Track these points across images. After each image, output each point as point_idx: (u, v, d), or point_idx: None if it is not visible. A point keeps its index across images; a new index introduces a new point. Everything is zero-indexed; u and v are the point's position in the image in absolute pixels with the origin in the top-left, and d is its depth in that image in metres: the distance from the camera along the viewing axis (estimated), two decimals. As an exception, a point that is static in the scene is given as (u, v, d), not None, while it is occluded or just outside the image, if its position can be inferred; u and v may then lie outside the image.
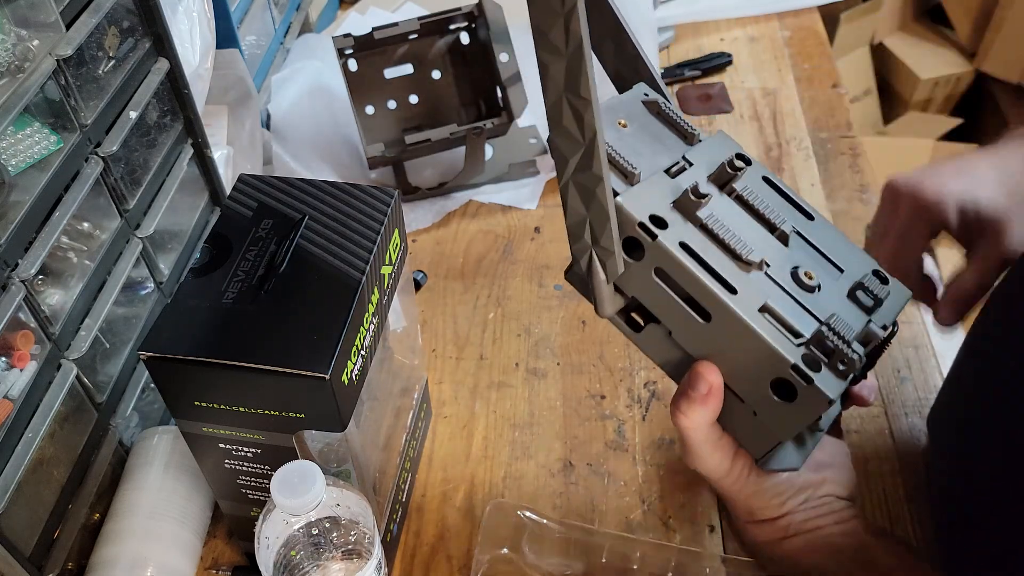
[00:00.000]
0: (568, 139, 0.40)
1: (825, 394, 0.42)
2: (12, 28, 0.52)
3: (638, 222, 0.44)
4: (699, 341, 0.46)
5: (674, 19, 1.14)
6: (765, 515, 0.50)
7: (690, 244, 0.44)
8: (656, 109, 0.51)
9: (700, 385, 0.45)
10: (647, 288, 0.45)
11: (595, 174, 0.41)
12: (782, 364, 0.43)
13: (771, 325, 0.44)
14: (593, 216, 0.42)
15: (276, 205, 0.54)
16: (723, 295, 0.43)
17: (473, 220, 0.90)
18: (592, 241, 0.43)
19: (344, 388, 0.47)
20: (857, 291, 0.48)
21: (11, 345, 0.51)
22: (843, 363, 0.43)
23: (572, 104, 0.39)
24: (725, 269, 0.44)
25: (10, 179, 0.52)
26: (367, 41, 0.89)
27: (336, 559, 0.50)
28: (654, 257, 0.44)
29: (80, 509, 0.59)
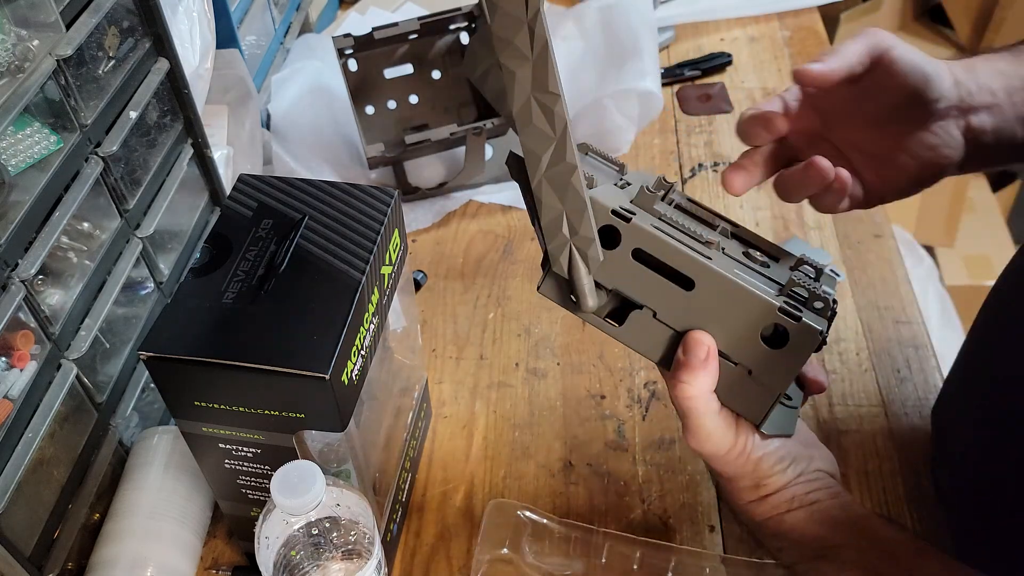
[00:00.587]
0: (539, 137, 0.42)
1: (815, 328, 0.45)
2: (12, 28, 0.52)
3: (611, 209, 0.46)
4: (686, 312, 0.48)
5: (674, 19, 1.14)
6: (770, 487, 0.51)
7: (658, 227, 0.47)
8: (586, 150, 0.54)
9: (698, 350, 0.47)
10: (627, 273, 0.48)
11: (569, 163, 0.43)
12: (769, 308, 0.46)
13: (749, 279, 0.47)
14: (570, 207, 0.44)
15: (276, 205, 0.54)
16: (702, 258, 0.46)
17: (473, 220, 0.90)
18: (571, 233, 0.45)
19: (344, 388, 0.47)
20: (799, 266, 0.51)
21: (11, 345, 0.51)
22: (818, 304, 0.46)
23: (541, 102, 0.41)
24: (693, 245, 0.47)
25: (10, 179, 0.52)
26: (367, 41, 0.89)
27: (336, 559, 0.50)
28: (631, 239, 0.46)
29: (80, 509, 0.59)
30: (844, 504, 0.51)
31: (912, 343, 0.76)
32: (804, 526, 0.50)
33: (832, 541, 0.49)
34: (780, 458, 0.51)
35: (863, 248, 0.85)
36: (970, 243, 1.76)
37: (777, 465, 0.51)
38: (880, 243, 0.85)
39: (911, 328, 0.77)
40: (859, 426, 0.70)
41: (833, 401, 0.72)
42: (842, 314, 0.78)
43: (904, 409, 0.71)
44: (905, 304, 0.79)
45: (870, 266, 0.83)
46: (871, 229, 0.86)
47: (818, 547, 0.50)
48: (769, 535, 0.52)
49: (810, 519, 0.50)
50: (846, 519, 0.50)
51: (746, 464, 0.51)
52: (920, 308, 0.80)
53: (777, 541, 0.52)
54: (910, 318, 0.78)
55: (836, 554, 0.49)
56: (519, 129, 0.42)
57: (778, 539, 0.52)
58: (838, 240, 0.86)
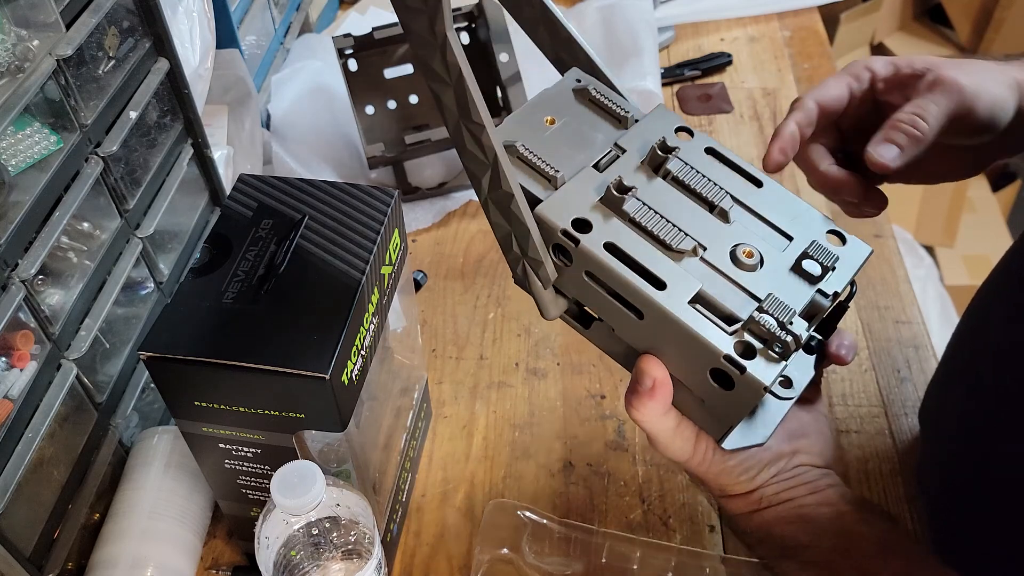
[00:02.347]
0: (474, 161, 0.42)
1: (759, 381, 0.42)
2: (12, 28, 0.52)
3: (560, 229, 0.44)
4: (638, 337, 0.46)
5: (674, 19, 1.14)
6: (736, 491, 0.50)
7: (617, 242, 0.44)
8: (587, 97, 0.51)
9: (644, 380, 0.46)
10: (582, 290, 0.46)
11: (505, 191, 0.42)
12: (714, 355, 0.43)
13: (702, 316, 0.44)
14: (515, 230, 0.44)
15: (276, 205, 0.54)
16: (650, 292, 0.43)
17: (473, 220, 0.90)
18: (521, 252, 0.45)
19: (344, 388, 0.47)
20: (804, 261, 0.47)
21: (11, 345, 0.51)
22: (779, 346, 0.43)
23: (469, 129, 0.40)
24: (655, 262, 0.44)
25: (10, 179, 0.52)
26: (367, 41, 0.89)
27: (336, 559, 0.50)
28: (581, 262, 0.45)
29: (80, 509, 0.59)
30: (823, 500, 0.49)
31: (912, 343, 0.76)
32: (771, 525, 0.49)
33: (798, 540, 0.49)
34: (746, 468, 0.50)
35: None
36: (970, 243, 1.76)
37: (743, 475, 0.50)
38: (880, 243, 0.85)
39: (911, 328, 0.77)
40: (859, 426, 0.70)
41: (833, 401, 0.72)
42: (842, 314, 0.78)
43: (904, 409, 0.71)
44: (905, 304, 0.79)
45: (870, 266, 0.83)
46: (871, 229, 0.86)
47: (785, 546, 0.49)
48: (742, 530, 0.52)
49: (778, 519, 0.49)
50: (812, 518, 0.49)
51: (708, 472, 0.50)
52: (920, 308, 0.80)
53: (749, 537, 0.51)
54: (910, 318, 0.78)
55: (799, 554, 0.48)
56: (457, 150, 0.42)
57: (750, 535, 0.51)
58: (838, 240, 0.86)
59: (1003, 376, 0.53)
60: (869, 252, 0.48)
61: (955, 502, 0.58)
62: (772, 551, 0.50)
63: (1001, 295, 0.57)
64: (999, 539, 0.53)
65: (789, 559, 0.49)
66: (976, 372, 0.57)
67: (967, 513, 0.57)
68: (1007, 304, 0.55)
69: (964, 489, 0.57)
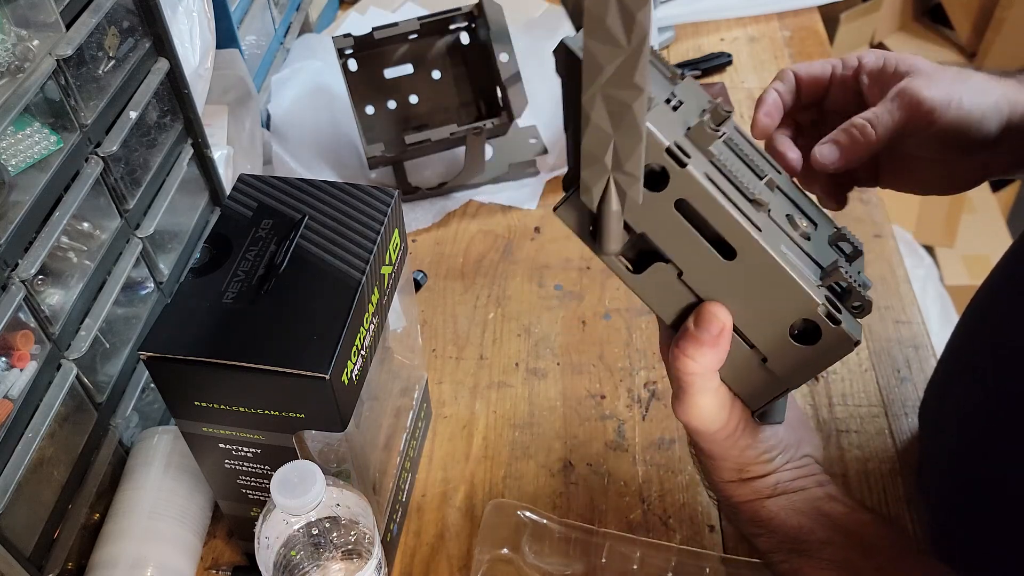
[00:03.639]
0: (609, 43, 0.33)
1: (852, 336, 0.40)
2: (12, 28, 0.52)
3: (666, 147, 0.39)
4: (716, 282, 0.42)
5: (674, 19, 1.14)
6: (754, 472, 0.49)
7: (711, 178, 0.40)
8: None
9: (712, 326, 0.43)
10: (663, 223, 0.41)
11: (636, 86, 0.35)
12: (810, 305, 0.40)
13: (796, 263, 0.41)
14: (621, 136, 0.37)
15: (276, 205, 0.54)
16: (753, 230, 0.40)
17: (473, 220, 0.90)
18: (614, 166, 0.38)
19: (344, 388, 0.47)
20: (839, 242, 0.46)
21: (11, 345, 0.51)
22: (856, 305, 0.41)
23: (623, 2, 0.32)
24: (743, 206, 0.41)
25: (10, 179, 0.52)
26: (367, 41, 0.89)
27: (336, 559, 0.50)
28: (679, 188, 0.40)
29: (80, 509, 0.59)
30: (830, 495, 0.49)
31: (912, 343, 0.76)
32: (785, 515, 0.48)
33: (814, 535, 0.48)
34: (769, 447, 0.49)
35: (863, 248, 0.85)
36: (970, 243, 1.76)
37: (766, 454, 0.49)
38: (880, 243, 0.85)
39: (911, 328, 0.77)
40: (859, 426, 0.70)
41: (833, 401, 0.72)
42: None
43: (904, 409, 0.71)
44: (905, 304, 0.79)
45: (870, 266, 0.83)
46: (871, 229, 0.86)
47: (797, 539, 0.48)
48: (746, 520, 0.50)
49: (792, 508, 0.48)
50: (828, 512, 0.48)
51: (732, 448, 0.48)
52: (920, 308, 0.80)
53: (754, 527, 0.50)
54: (910, 318, 0.78)
55: (816, 551, 0.47)
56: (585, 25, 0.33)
57: (756, 525, 0.50)
58: (838, 240, 0.86)
59: (1004, 376, 0.53)
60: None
61: (955, 502, 0.58)
62: (783, 543, 0.48)
63: (1001, 295, 0.57)
64: (999, 539, 0.53)
65: (802, 555, 0.47)
66: (976, 372, 0.57)
67: (967, 513, 0.57)
68: (1008, 305, 0.55)
69: (964, 488, 0.57)
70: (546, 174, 0.93)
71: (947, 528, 0.60)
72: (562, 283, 0.83)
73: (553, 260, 0.85)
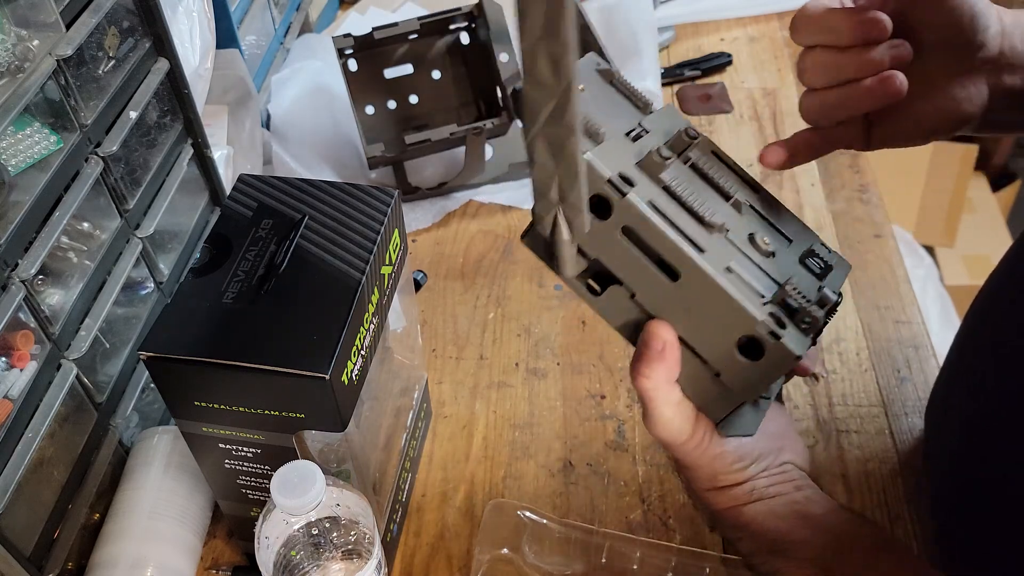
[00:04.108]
0: (541, 88, 0.38)
1: (792, 351, 0.43)
2: (12, 28, 0.52)
3: (607, 178, 0.43)
4: (664, 301, 0.45)
5: (674, 19, 1.14)
6: (728, 480, 0.50)
7: (657, 204, 0.44)
8: (610, 77, 0.51)
9: (654, 342, 0.45)
10: (612, 248, 0.45)
11: (567, 125, 0.38)
12: (750, 322, 0.43)
13: (740, 282, 0.44)
14: (563, 171, 0.41)
15: (276, 205, 0.54)
16: (693, 252, 0.43)
17: (473, 220, 0.90)
18: (559, 199, 0.42)
19: (344, 388, 0.47)
20: (808, 258, 0.48)
21: (11, 345, 0.51)
22: (807, 321, 0.43)
23: (550, 49, 0.36)
24: (690, 230, 0.44)
25: (10, 179, 0.52)
26: (367, 41, 0.89)
27: (336, 559, 0.50)
28: (622, 215, 0.44)
29: (80, 509, 0.59)
30: (808, 498, 0.49)
31: (912, 343, 0.76)
32: (763, 519, 0.49)
33: (790, 536, 0.48)
34: (740, 456, 0.50)
35: (863, 248, 0.85)
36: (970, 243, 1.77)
37: (736, 463, 0.49)
38: (880, 243, 0.85)
39: (911, 328, 0.77)
40: (859, 426, 0.70)
41: (833, 401, 0.72)
42: (842, 314, 0.78)
43: (904, 409, 0.71)
44: (905, 304, 0.79)
45: (870, 266, 0.83)
46: (871, 229, 0.86)
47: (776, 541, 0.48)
48: (727, 525, 0.51)
49: (769, 512, 0.49)
50: (806, 514, 0.49)
51: (702, 457, 0.49)
52: (920, 308, 0.80)
53: (735, 532, 0.51)
54: (910, 318, 0.78)
55: (793, 550, 0.48)
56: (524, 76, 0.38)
57: (736, 529, 0.50)
58: (838, 240, 0.86)
59: (1004, 376, 0.53)
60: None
61: (956, 502, 0.59)
62: (762, 546, 0.49)
63: (1002, 295, 0.57)
64: (1000, 539, 0.53)
65: (781, 555, 0.48)
66: (977, 372, 0.57)
67: (968, 513, 0.57)
68: (1008, 304, 0.55)
69: (965, 489, 0.57)
70: (546, 174, 0.93)
71: (948, 528, 0.60)
72: (562, 283, 0.83)
73: (553, 260, 0.85)
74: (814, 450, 0.68)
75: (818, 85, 0.50)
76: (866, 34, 0.47)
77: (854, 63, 0.48)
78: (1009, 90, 0.49)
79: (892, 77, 0.47)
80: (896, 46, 0.47)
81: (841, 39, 0.48)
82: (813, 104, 0.50)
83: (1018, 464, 0.50)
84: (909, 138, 0.51)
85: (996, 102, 0.49)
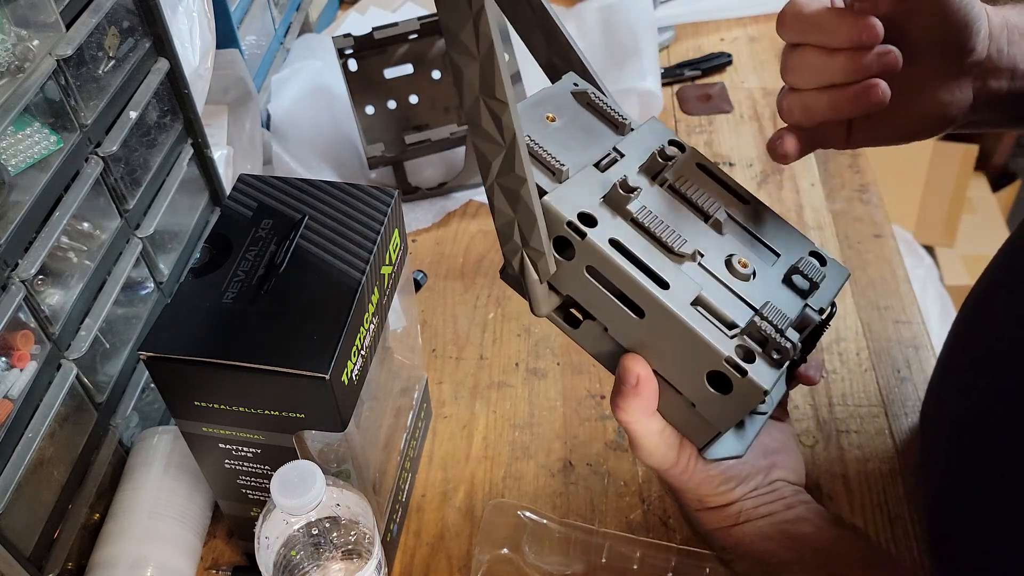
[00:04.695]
0: (488, 141, 0.39)
1: (759, 385, 0.42)
2: (12, 28, 0.52)
3: (567, 221, 0.43)
4: (634, 336, 0.46)
5: (674, 19, 1.14)
6: (714, 502, 0.50)
7: (621, 240, 0.44)
8: (586, 100, 0.51)
9: (628, 377, 0.45)
10: (580, 286, 0.45)
11: (518, 175, 0.40)
12: (715, 357, 0.43)
13: (704, 318, 0.44)
14: (520, 218, 0.42)
15: (276, 205, 0.54)
16: (655, 291, 0.43)
17: (473, 220, 0.90)
18: (522, 243, 0.43)
19: (344, 388, 0.47)
20: (793, 275, 0.48)
21: (11, 345, 0.51)
22: (777, 352, 0.43)
23: (489, 106, 0.38)
24: (657, 263, 0.44)
25: (10, 179, 0.52)
26: (367, 41, 0.89)
27: (336, 559, 0.50)
28: (584, 255, 0.44)
29: (80, 509, 0.59)
30: (799, 516, 0.49)
31: (912, 343, 0.76)
32: (751, 540, 0.49)
33: (779, 557, 0.48)
34: (726, 479, 0.50)
35: (863, 248, 0.85)
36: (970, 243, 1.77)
37: (722, 486, 0.50)
38: (880, 243, 0.85)
39: (911, 328, 0.77)
40: (859, 426, 0.70)
41: (833, 401, 0.72)
42: (842, 314, 0.78)
43: (904, 409, 0.71)
44: (905, 304, 0.79)
45: (870, 266, 0.83)
46: (871, 229, 0.87)
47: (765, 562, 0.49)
48: (718, 546, 0.52)
49: (758, 533, 0.49)
50: (795, 534, 0.49)
51: (688, 482, 0.49)
52: (920, 308, 0.80)
53: (726, 553, 0.51)
54: (910, 318, 0.78)
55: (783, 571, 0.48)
56: (469, 129, 0.40)
57: (727, 551, 0.51)
58: (838, 240, 0.86)
59: (999, 374, 0.53)
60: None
61: (954, 502, 0.58)
62: (753, 568, 0.50)
63: (995, 293, 0.57)
64: (999, 539, 0.53)
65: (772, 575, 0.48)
66: (970, 371, 0.57)
67: (966, 513, 0.57)
68: (1000, 303, 0.55)
69: (963, 488, 0.57)
70: (546, 174, 0.93)
71: (947, 528, 0.60)
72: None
73: (553, 260, 0.85)
74: (814, 450, 0.68)
75: (802, 86, 0.49)
76: (860, 38, 0.46)
77: (842, 67, 0.46)
78: (994, 93, 0.49)
79: (876, 86, 0.46)
80: (885, 53, 0.46)
81: (833, 40, 0.46)
82: (795, 104, 0.49)
83: (1015, 462, 0.50)
84: (890, 139, 0.51)
85: (979, 104, 0.49)
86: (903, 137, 0.50)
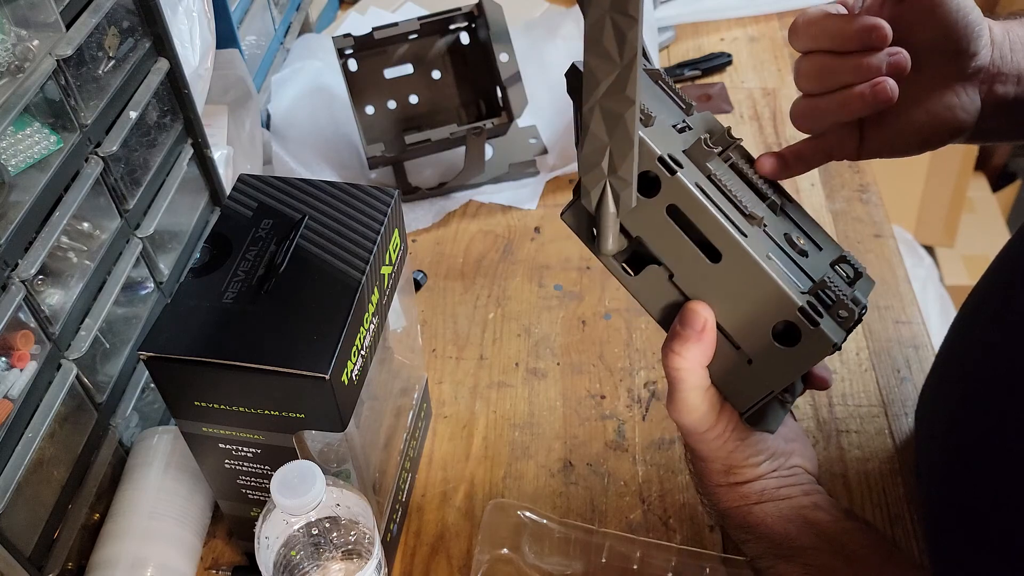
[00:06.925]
0: (605, 59, 0.38)
1: (830, 338, 0.43)
2: (12, 28, 0.52)
3: (659, 156, 0.44)
4: (703, 283, 0.46)
5: (674, 19, 1.14)
6: (741, 476, 0.50)
7: (702, 188, 0.45)
8: (657, 77, 0.52)
9: (696, 322, 0.45)
10: (656, 227, 0.45)
11: (627, 97, 0.39)
12: (790, 306, 0.43)
13: (780, 270, 0.44)
14: (615, 143, 0.41)
15: (276, 205, 0.54)
16: (737, 234, 0.44)
17: (473, 220, 0.90)
18: (609, 171, 0.42)
19: (344, 388, 0.47)
20: (839, 264, 0.49)
21: (11, 345, 0.51)
22: (842, 315, 0.44)
23: (616, 22, 0.37)
24: (733, 216, 0.45)
25: (10, 179, 0.52)
26: (367, 41, 0.89)
27: (336, 559, 0.50)
28: (669, 194, 0.44)
29: (80, 509, 0.59)
30: (816, 504, 0.50)
31: (912, 343, 0.76)
32: (771, 521, 0.49)
33: (797, 542, 0.48)
34: (758, 451, 0.50)
35: (863, 248, 0.85)
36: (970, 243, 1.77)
37: (753, 457, 0.50)
38: (880, 243, 0.85)
39: (911, 328, 0.77)
40: (859, 426, 0.70)
41: (833, 401, 0.72)
42: (842, 314, 0.78)
43: (904, 409, 0.71)
44: (905, 304, 0.79)
45: (870, 266, 0.83)
46: (871, 229, 0.86)
47: (782, 545, 0.49)
48: (734, 525, 0.51)
49: (778, 515, 0.49)
50: (813, 520, 0.49)
51: (721, 448, 0.49)
52: (920, 308, 0.80)
53: (742, 532, 0.51)
54: (910, 318, 0.78)
55: (799, 556, 0.48)
56: (586, 46, 0.38)
57: (743, 531, 0.51)
58: (838, 240, 0.86)
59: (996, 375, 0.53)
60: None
61: (952, 501, 0.59)
62: (768, 548, 0.50)
63: (993, 295, 0.57)
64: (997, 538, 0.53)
65: (786, 560, 0.48)
66: (967, 371, 0.57)
67: (965, 512, 0.57)
68: (998, 304, 0.55)
69: (960, 488, 0.57)
70: (546, 174, 0.93)
71: (947, 528, 0.60)
72: (562, 283, 0.83)
73: (553, 260, 0.85)
74: (814, 450, 0.68)
75: (813, 90, 0.50)
76: (867, 39, 0.47)
77: (851, 68, 0.48)
78: (1001, 99, 0.50)
79: (883, 83, 0.46)
80: (894, 54, 0.47)
81: (842, 44, 0.48)
82: (804, 109, 0.50)
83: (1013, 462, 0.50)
84: (902, 148, 0.51)
85: (988, 111, 0.50)
86: (915, 145, 0.51)
